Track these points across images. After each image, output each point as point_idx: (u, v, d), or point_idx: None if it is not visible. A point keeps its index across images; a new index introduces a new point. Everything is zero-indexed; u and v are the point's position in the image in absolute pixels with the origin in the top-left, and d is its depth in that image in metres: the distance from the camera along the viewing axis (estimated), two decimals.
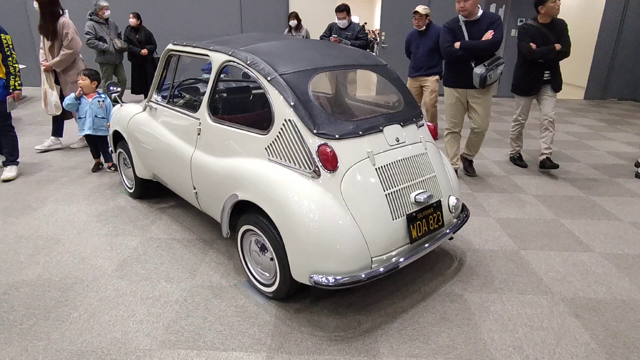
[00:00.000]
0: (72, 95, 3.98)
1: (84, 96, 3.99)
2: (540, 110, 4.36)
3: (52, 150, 4.86)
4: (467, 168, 4.38)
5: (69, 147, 4.97)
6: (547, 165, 4.39)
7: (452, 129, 4.19)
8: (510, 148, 4.81)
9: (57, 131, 4.91)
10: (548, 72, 4.19)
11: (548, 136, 4.38)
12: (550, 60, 4.12)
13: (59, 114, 4.64)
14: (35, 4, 4.31)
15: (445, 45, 3.85)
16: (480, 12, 3.78)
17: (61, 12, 4.45)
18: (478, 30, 3.75)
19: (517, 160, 4.72)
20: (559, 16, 4.14)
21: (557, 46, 4.02)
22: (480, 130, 4.05)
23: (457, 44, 3.77)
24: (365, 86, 3.65)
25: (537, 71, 4.19)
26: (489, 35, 3.67)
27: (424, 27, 5.01)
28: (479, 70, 3.69)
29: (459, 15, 3.83)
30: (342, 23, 5.91)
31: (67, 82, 4.59)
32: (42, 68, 4.53)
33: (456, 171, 4.16)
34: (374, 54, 11.02)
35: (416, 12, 4.92)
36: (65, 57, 4.46)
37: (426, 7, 4.99)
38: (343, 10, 5.85)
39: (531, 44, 4.07)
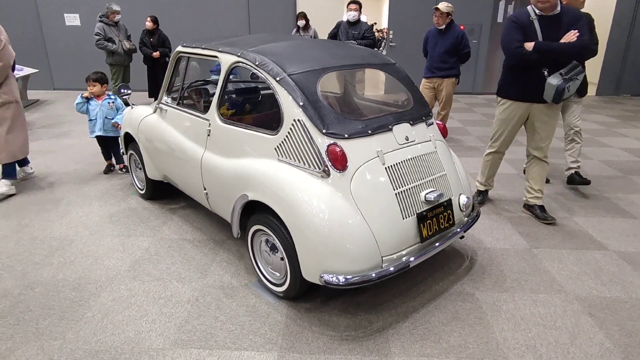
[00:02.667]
0: (80, 96, 4.04)
1: (93, 98, 4.05)
2: (563, 120, 3.98)
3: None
4: (540, 215, 3.31)
5: (78, 153, 5.03)
6: (575, 181, 3.83)
7: (498, 149, 3.38)
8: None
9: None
10: None
11: (575, 148, 3.87)
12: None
13: None
14: None
15: (515, 45, 2.92)
16: (559, 6, 2.91)
17: None
18: (556, 29, 2.86)
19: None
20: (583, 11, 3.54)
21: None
22: (542, 156, 3.25)
23: (530, 45, 2.87)
24: (374, 85, 3.61)
25: None
26: (572, 36, 2.80)
27: (444, 26, 4.76)
28: (554, 80, 2.84)
29: (530, 8, 2.95)
30: (351, 15, 5.52)
31: None
32: None
33: (487, 192, 3.61)
34: (382, 52, 11.01)
35: (437, 8, 4.65)
36: None
37: (449, 4, 4.69)
38: (354, 2, 5.52)
39: None
